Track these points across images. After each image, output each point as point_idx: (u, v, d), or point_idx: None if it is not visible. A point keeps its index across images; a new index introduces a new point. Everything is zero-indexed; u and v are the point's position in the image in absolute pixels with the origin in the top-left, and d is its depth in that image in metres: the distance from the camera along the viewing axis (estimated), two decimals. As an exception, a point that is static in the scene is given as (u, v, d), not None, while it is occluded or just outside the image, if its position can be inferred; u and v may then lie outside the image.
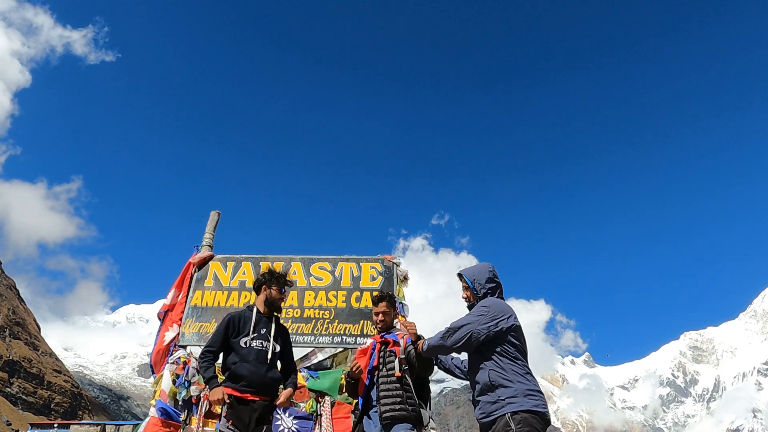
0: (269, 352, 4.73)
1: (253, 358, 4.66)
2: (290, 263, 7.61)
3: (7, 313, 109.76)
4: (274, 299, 4.93)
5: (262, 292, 4.98)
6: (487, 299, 4.30)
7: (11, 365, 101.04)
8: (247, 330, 4.76)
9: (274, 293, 4.92)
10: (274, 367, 4.79)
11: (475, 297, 4.40)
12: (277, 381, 4.81)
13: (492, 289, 4.38)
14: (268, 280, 4.96)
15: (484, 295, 4.35)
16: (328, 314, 7.19)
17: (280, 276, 4.99)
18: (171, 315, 7.29)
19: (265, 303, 4.94)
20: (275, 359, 4.81)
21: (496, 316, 4.11)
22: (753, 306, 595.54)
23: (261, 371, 4.65)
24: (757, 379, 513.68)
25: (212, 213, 8.19)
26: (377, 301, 5.16)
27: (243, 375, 4.61)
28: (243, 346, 4.70)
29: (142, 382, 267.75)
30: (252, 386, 4.61)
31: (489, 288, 4.37)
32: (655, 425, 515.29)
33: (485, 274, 4.42)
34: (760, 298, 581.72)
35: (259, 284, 5.01)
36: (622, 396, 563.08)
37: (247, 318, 4.84)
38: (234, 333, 4.76)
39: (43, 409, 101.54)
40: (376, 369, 4.83)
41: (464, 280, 4.48)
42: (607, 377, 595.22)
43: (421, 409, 4.67)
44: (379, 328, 5.13)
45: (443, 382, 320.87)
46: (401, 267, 7.56)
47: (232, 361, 4.70)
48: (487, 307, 4.17)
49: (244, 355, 4.67)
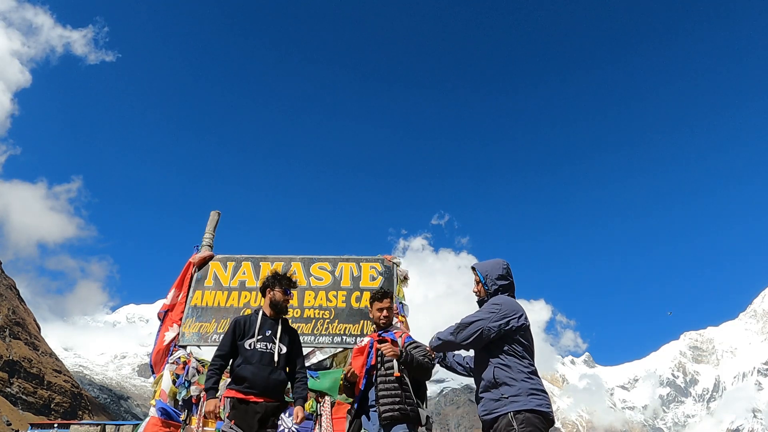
0: (275, 354, 4.74)
1: (256, 360, 4.67)
2: (290, 263, 7.61)
3: (7, 313, 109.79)
4: (278, 302, 4.93)
5: (266, 295, 5.00)
6: (499, 296, 4.25)
7: (11, 365, 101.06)
8: (252, 332, 4.78)
9: (278, 295, 4.93)
10: (279, 369, 4.76)
11: (486, 292, 4.33)
12: (283, 383, 4.79)
13: (504, 286, 4.30)
14: (272, 283, 4.98)
15: (495, 291, 4.29)
16: (328, 314, 7.20)
17: (283, 278, 4.99)
18: (171, 315, 7.29)
19: (270, 306, 4.96)
20: (281, 361, 4.78)
21: (507, 315, 4.07)
22: (753, 306, 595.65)
23: (264, 373, 4.65)
24: (757, 379, 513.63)
25: (212, 213, 8.20)
26: (382, 297, 5.10)
27: (245, 377, 4.62)
28: (247, 348, 4.72)
29: (142, 382, 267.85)
30: (255, 388, 4.60)
31: (501, 285, 4.30)
32: (655, 425, 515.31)
33: (498, 270, 4.34)
34: (760, 298, 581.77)
35: (264, 287, 5.04)
36: (622, 396, 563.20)
37: (252, 321, 4.87)
38: (240, 335, 4.79)
39: (43, 409, 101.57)
40: (374, 368, 4.77)
41: (477, 274, 4.40)
42: (607, 377, 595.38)
43: (420, 409, 4.65)
44: (382, 323, 5.06)
45: (443, 382, 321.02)
46: (401, 267, 7.56)
47: (237, 363, 4.72)
48: (499, 304, 4.12)
49: (247, 357, 4.69)
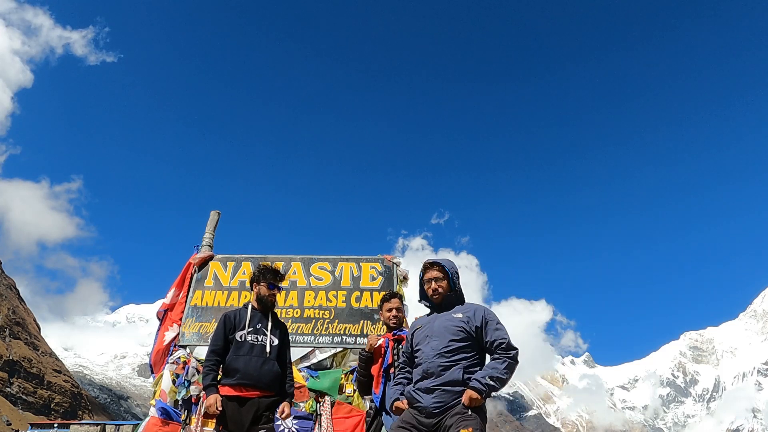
0: (267, 345, 4.69)
1: (246, 351, 4.62)
2: (290, 263, 7.61)
3: (7, 313, 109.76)
4: (263, 296, 4.85)
5: (254, 289, 4.95)
6: (479, 305, 4.13)
7: (11, 365, 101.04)
8: (243, 324, 4.74)
9: (263, 290, 4.85)
10: (272, 360, 4.70)
11: (450, 290, 4.13)
12: (276, 375, 4.70)
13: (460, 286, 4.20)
14: (257, 277, 4.90)
15: (460, 291, 4.17)
16: (328, 314, 7.19)
17: (269, 272, 4.91)
18: (171, 315, 7.29)
19: (256, 300, 4.89)
20: (273, 352, 4.73)
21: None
22: (753, 306, 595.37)
23: (257, 364, 4.59)
24: (757, 379, 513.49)
25: (212, 213, 8.20)
26: (390, 298, 5.20)
27: (237, 368, 4.57)
28: (238, 340, 4.67)
29: (142, 382, 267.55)
30: (247, 379, 4.54)
31: (460, 285, 4.20)
32: (655, 425, 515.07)
33: (457, 270, 4.20)
34: (760, 298, 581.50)
35: (251, 281, 4.98)
36: (622, 396, 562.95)
37: (242, 314, 4.83)
38: (231, 329, 4.74)
39: (43, 409, 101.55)
40: (392, 366, 4.88)
41: (444, 270, 4.15)
42: (607, 377, 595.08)
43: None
44: (392, 323, 5.13)
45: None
46: (401, 267, 7.57)
47: (228, 356, 4.66)
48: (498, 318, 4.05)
49: (239, 348, 4.65)
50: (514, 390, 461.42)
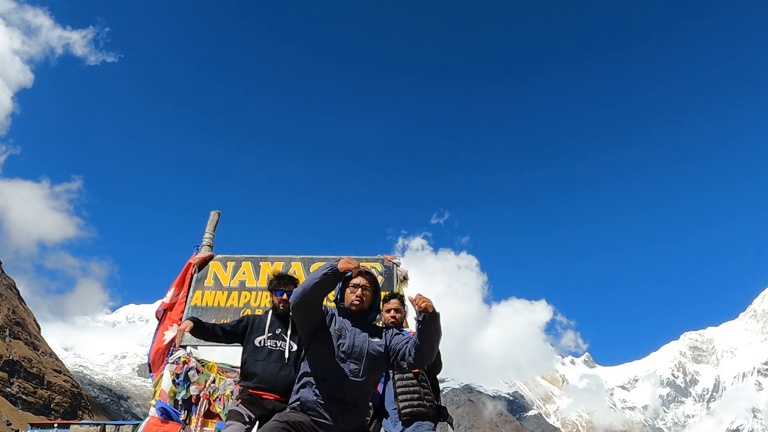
0: (285, 351, 4.78)
1: (264, 356, 4.73)
2: (290, 263, 7.61)
3: (7, 313, 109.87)
4: (275, 305, 5.04)
5: (271, 296, 5.18)
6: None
7: (11, 365, 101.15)
8: (262, 329, 4.87)
9: (274, 299, 5.06)
10: (290, 367, 4.74)
11: (370, 307, 3.98)
12: (293, 381, 4.63)
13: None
14: (268, 287, 5.15)
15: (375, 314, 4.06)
16: (328, 314, 7.19)
17: (273, 280, 5.09)
18: (170, 314, 7.28)
19: (272, 307, 5.10)
20: (292, 358, 4.78)
21: None
22: (753, 306, 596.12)
23: (274, 369, 4.68)
24: (757, 379, 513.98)
25: (212, 213, 8.20)
26: (389, 298, 5.24)
27: (255, 372, 4.68)
28: (257, 345, 4.79)
29: (142, 382, 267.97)
30: (264, 383, 4.65)
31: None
32: (655, 425, 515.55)
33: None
34: (760, 298, 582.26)
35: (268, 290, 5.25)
36: (622, 396, 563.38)
37: (263, 319, 4.99)
38: (249, 331, 4.90)
39: (43, 409, 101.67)
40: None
41: (376, 287, 4.02)
42: (607, 377, 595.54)
43: (439, 404, 4.86)
44: (392, 323, 5.12)
45: (443, 382, 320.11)
46: (401, 267, 7.56)
47: (246, 360, 4.79)
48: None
49: (257, 353, 4.76)
50: (514, 390, 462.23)
